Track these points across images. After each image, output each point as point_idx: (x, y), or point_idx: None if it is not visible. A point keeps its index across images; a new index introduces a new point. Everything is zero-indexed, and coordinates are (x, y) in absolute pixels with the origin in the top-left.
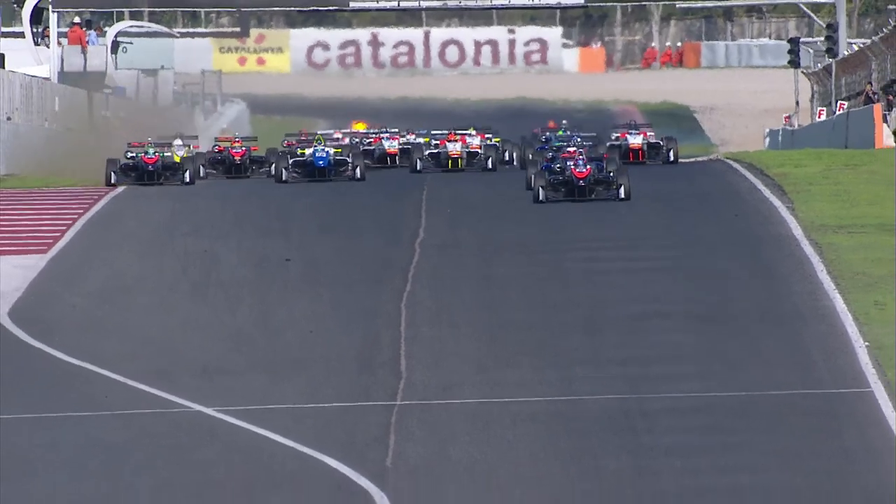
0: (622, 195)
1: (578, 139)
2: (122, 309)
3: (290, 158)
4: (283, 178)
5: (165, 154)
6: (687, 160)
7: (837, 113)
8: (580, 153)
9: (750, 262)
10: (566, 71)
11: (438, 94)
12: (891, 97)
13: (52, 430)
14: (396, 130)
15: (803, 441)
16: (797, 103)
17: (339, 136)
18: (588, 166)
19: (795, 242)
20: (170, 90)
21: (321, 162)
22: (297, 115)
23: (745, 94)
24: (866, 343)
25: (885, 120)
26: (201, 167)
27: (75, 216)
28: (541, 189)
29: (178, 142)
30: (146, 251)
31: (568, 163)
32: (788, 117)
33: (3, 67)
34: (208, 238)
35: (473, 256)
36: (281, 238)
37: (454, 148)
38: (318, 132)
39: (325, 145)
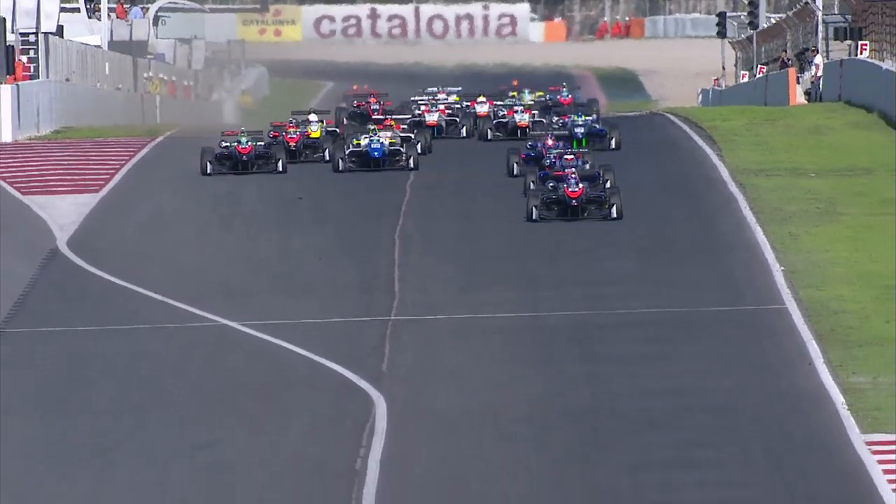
0: (614, 214)
1: (577, 117)
2: (161, 239)
3: (347, 148)
4: (340, 167)
5: (258, 143)
6: (633, 113)
7: (758, 76)
8: (573, 172)
9: (686, 201)
10: (532, 41)
11: (426, 59)
12: (802, 62)
13: (103, 340)
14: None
15: (731, 348)
16: (724, 68)
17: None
18: (581, 185)
19: (723, 184)
20: (201, 56)
21: (376, 153)
22: (308, 77)
23: (680, 60)
24: (782, 267)
25: (797, 81)
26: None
27: (122, 162)
28: (534, 209)
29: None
30: (181, 191)
31: (561, 183)
32: (717, 79)
33: (62, 37)
34: (233, 181)
35: (455, 196)
36: (295, 181)
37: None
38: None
39: (378, 135)
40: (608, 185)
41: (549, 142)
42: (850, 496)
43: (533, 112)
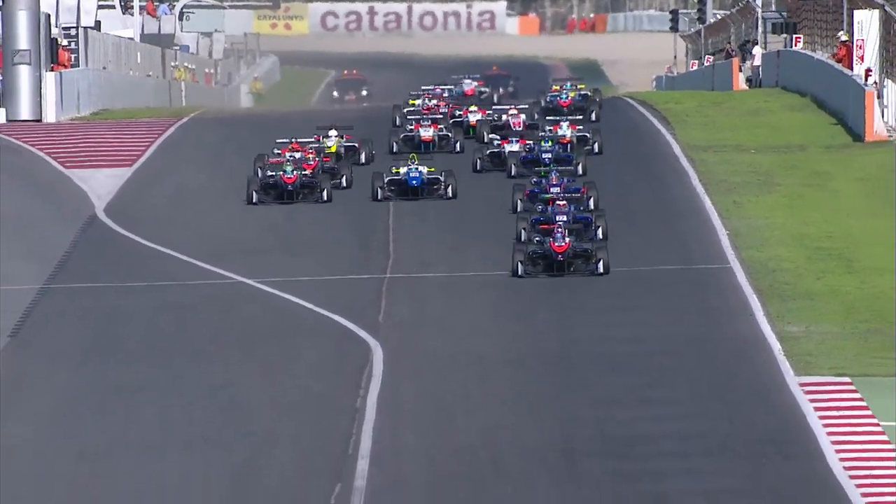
0: (601, 270)
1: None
2: (186, 207)
3: (386, 177)
4: (379, 196)
5: (304, 173)
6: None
7: (705, 65)
8: (560, 226)
9: (644, 173)
10: (508, 34)
11: (418, 50)
12: (744, 53)
13: (135, 294)
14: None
15: (683, 302)
16: (675, 57)
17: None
18: (567, 239)
19: (676, 158)
20: (221, 47)
21: (415, 181)
22: (315, 65)
23: (638, 51)
24: (727, 232)
25: (740, 70)
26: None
27: (152, 139)
28: (519, 264)
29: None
30: (203, 166)
31: (548, 237)
32: (669, 67)
33: (100, 31)
34: (249, 157)
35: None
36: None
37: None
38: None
39: (417, 164)
40: (599, 233)
41: (553, 178)
42: (785, 429)
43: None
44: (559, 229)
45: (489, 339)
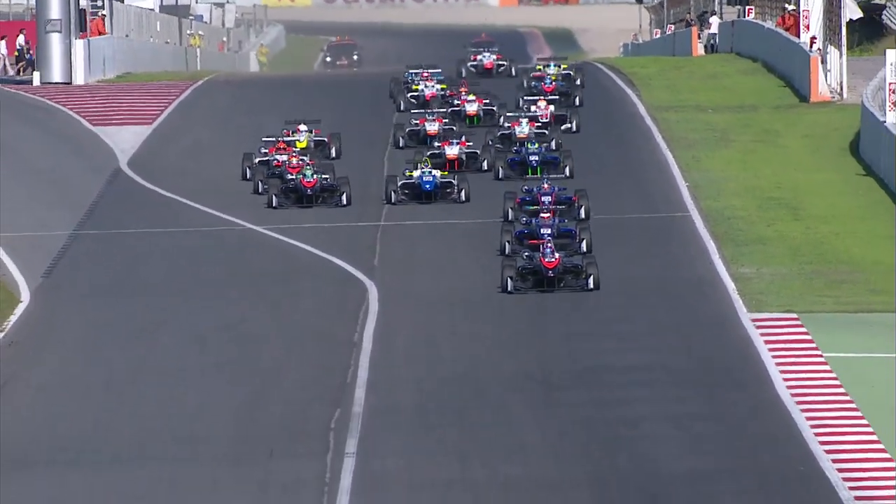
0: (591, 285)
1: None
2: (199, 162)
3: (399, 181)
4: (393, 199)
5: (323, 176)
6: (568, 61)
7: (667, 33)
8: (549, 242)
9: (612, 131)
10: (491, 5)
11: (410, 20)
12: (702, 22)
13: (155, 239)
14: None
15: (647, 247)
16: (640, 27)
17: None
18: (557, 255)
19: (641, 118)
20: (232, 17)
21: (428, 185)
22: (317, 33)
23: (607, 21)
24: (687, 183)
25: (698, 38)
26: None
27: (170, 100)
28: (509, 280)
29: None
30: (216, 124)
31: (537, 252)
32: (635, 35)
33: (123, 2)
34: (256, 116)
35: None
36: (306, 115)
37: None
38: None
39: (430, 167)
40: (583, 246)
41: (546, 185)
42: (738, 360)
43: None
44: (548, 244)
45: (473, 280)
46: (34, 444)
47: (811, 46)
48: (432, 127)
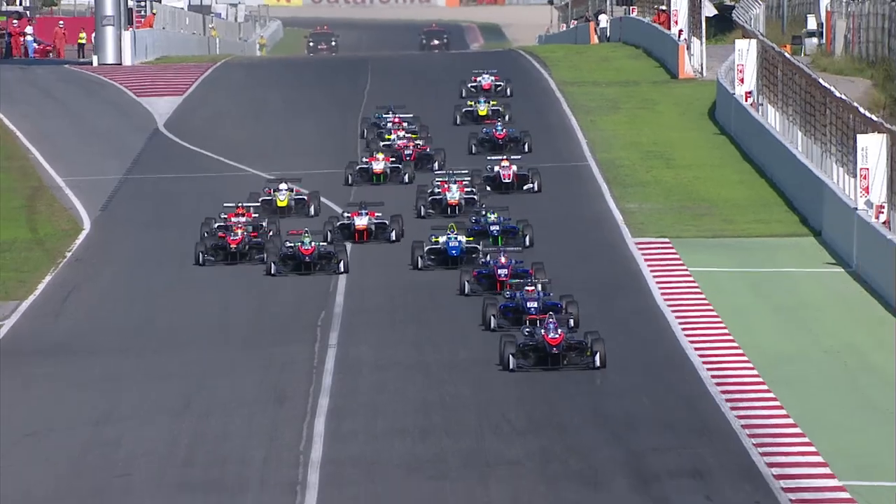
0: (597, 363)
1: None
2: (220, 124)
3: (426, 246)
4: (420, 265)
5: (321, 245)
6: (497, 49)
7: (571, 27)
8: (551, 317)
9: (529, 101)
10: (439, 5)
11: (377, 16)
12: (597, 18)
13: (183, 183)
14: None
15: (557, 189)
16: (551, 21)
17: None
18: (561, 330)
19: (552, 91)
20: (242, 14)
21: (454, 251)
22: (306, 27)
23: (526, 17)
24: (585, 140)
25: (595, 30)
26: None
27: (196, 77)
28: (511, 357)
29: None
30: (232, 96)
31: (539, 330)
32: (547, 28)
33: (160, 2)
34: (262, 89)
35: (411, 86)
36: (307, 90)
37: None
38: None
39: (456, 233)
40: (572, 321)
41: (502, 259)
42: (624, 273)
43: (466, 188)
44: (551, 320)
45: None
46: (95, 336)
47: (679, 37)
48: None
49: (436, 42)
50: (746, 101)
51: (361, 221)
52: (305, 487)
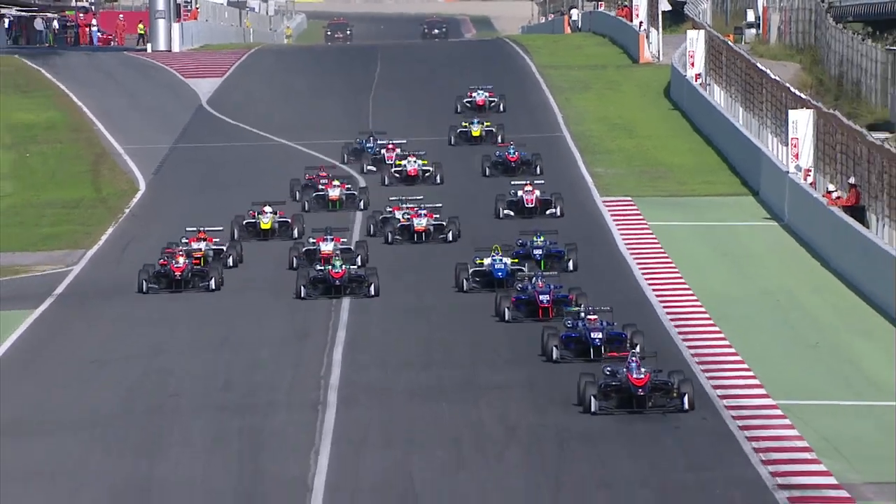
0: (686, 406)
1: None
2: (254, 101)
3: (471, 268)
4: (465, 288)
5: (352, 268)
6: (487, 38)
7: (549, 19)
8: (635, 358)
9: (513, 82)
10: (438, 1)
11: (386, 11)
12: (571, 12)
13: (224, 151)
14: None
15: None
16: (532, 15)
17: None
18: (646, 371)
19: (533, 74)
20: (272, 8)
21: (500, 273)
22: (325, 19)
23: (511, 11)
24: (561, 115)
25: (568, 23)
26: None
27: (234, 61)
28: (592, 398)
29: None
30: (265, 78)
31: (622, 370)
32: (529, 21)
33: None
34: (293, 71)
35: (415, 70)
36: (326, 73)
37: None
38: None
39: (501, 254)
40: (638, 347)
41: (540, 283)
42: (594, 226)
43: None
44: (634, 358)
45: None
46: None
47: (639, 27)
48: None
49: (436, 32)
50: (696, 81)
51: (327, 247)
52: (326, 406)
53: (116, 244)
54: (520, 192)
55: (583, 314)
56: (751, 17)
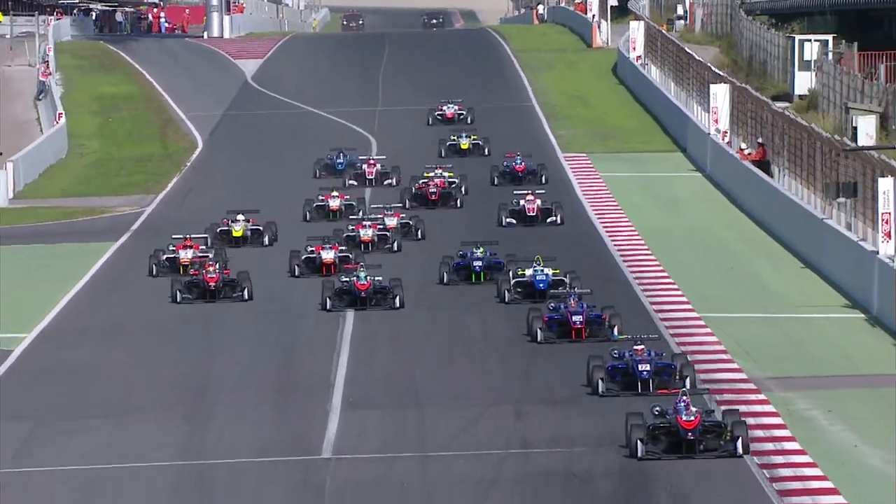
0: (739, 451)
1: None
2: (289, 76)
3: (513, 279)
4: (507, 299)
5: (376, 279)
6: (473, 27)
7: (521, 12)
8: (686, 399)
9: (493, 64)
10: None
11: (392, 5)
12: (538, 8)
13: (266, 117)
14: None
15: (508, 120)
16: (508, 8)
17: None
18: (696, 411)
19: (508, 55)
20: (303, 3)
21: (542, 284)
22: (343, 11)
23: (491, 5)
24: (531, 88)
25: (537, 15)
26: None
27: (272, 45)
28: (639, 443)
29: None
30: (296, 59)
31: (670, 410)
32: (506, 13)
33: None
34: (318, 54)
35: (416, 53)
36: (344, 55)
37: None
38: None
39: (542, 265)
40: (687, 383)
41: (573, 302)
42: (555, 176)
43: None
44: (683, 398)
45: (423, 141)
46: (209, 216)
47: (593, 19)
48: (366, 234)
49: (434, 22)
50: (637, 62)
51: (328, 255)
52: (345, 319)
53: (180, 190)
54: (522, 201)
55: (634, 339)
56: (680, 10)
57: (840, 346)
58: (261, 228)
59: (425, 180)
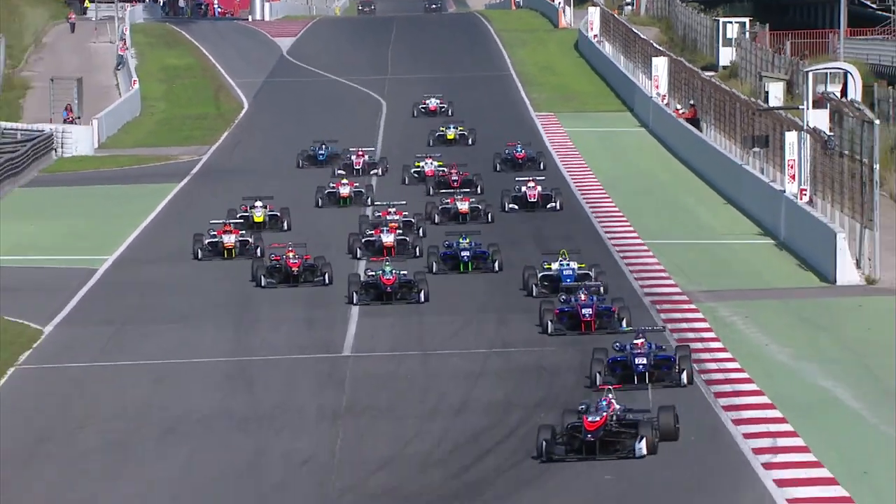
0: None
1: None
2: (317, 52)
3: (539, 273)
4: (534, 293)
5: (402, 273)
6: (463, 12)
7: (502, 0)
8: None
9: (479, 42)
10: None
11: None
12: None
13: (301, 84)
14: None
15: (488, 87)
16: None
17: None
18: (604, 412)
19: (492, 35)
20: None
21: (569, 279)
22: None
23: None
24: (510, 60)
25: (514, 1)
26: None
27: (303, 27)
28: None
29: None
30: (323, 38)
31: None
32: (490, 1)
33: None
34: (340, 34)
35: (419, 33)
36: (359, 35)
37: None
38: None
39: (568, 259)
40: (684, 377)
41: (583, 296)
42: (528, 131)
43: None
44: (606, 396)
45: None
46: (256, 165)
47: (559, 5)
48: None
49: (433, 7)
50: (594, 40)
51: (388, 239)
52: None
53: (230, 142)
54: (523, 188)
55: (635, 332)
56: None
57: (754, 265)
58: (278, 214)
59: (449, 204)
